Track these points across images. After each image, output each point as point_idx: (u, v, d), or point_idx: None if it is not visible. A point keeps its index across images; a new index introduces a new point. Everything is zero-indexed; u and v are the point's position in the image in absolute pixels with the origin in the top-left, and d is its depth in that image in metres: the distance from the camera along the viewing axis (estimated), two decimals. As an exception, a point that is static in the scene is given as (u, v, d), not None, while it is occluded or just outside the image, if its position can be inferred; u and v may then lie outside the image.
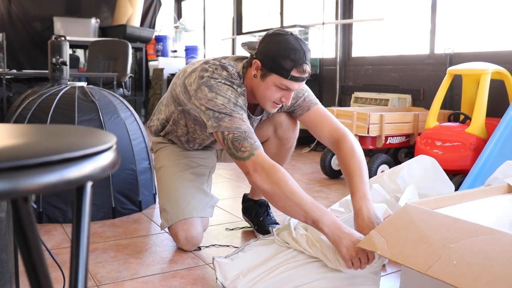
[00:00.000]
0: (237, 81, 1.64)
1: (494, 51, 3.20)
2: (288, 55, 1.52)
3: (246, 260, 1.51)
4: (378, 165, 2.95)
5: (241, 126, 1.53)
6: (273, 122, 1.91)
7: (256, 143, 1.52)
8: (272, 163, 1.48)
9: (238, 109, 1.57)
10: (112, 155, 0.57)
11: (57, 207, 2.14)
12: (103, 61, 5.16)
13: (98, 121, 2.25)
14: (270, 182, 1.44)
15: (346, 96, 4.36)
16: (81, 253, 0.60)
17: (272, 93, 1.59)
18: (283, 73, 1.54)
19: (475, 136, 2.67)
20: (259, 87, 1.62)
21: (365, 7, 4.36)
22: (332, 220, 1.37)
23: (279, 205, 1.45)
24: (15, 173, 0.45)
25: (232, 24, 6.42)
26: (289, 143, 1.96)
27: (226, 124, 1.53)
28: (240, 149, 1.50)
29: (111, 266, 1.69)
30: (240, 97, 1.61)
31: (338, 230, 1.36)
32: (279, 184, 1.43)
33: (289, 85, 1.56)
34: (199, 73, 1.64)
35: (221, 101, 1.55)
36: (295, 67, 1.53)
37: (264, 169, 1.46)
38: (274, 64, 1.54)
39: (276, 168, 1.46)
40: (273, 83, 1.57)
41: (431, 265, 1.10)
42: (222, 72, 1.63)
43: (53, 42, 3.13)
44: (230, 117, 1.54)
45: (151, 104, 6.76)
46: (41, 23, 6.56)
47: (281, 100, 1.62)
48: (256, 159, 1.48)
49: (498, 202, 1.57)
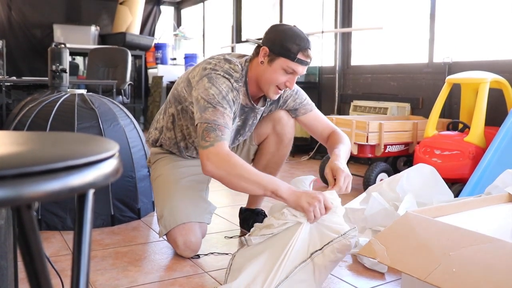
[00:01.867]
0: (238, 74, 1.76)
1: (493, 60, 3.22)
2: (294, 40, 1.67)
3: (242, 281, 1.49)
4: (377, 173, 2.95)
5: (218, 119, 1.63)
6: (271, 119, 2.00)
7: (223, 136, 1.61)
8: (228, 152, 1.59)
9: (225, 102, 1.67)
10: (114, 163, 0.57)
11: (56, 214, 2.14)
12: (103, 68, 5.17)
13: (98, 129, 2.25)
14: (225, 167, 1.57)
15: (345, 104, 4.37)
16: (83, 260, 0.60)
17: (278, 76, 1.72)
18: (290, 56, 1.68)
19: (474, 145, 2.67)
20: (265, 72, 1.74)
21: (364, 16, 4.38)
22: (288, 187, 1.54)
23: (238, 186, 1.59)
24: (19, 180, 0.45)
25: (232, 32, 6.44)
26: (287, 139, 2.03)
27: (207, 115, 1.63)
28: (205, 138, 1.60)
29: (109, 274, 1.68)
30: (233, 92, 1.72)
31: (294, 192, 1.52)
32: (235, 167, 1.56)
33: (295, 68, 1.70)
34: (203, 66, 1.77)
35: (213, 92, 1.67)
36: (300, 50, 1.68)
37: (218, 156, 1.57)
38: (282, 49, 1.68)
39: (231, 155, 1.58)
40: (280, 66, 1.70)
41: (431, 273, 1.10)
42: (225, 65, 1.76)
43: (53, 50, 3.13)
44: (214, 108, 1.64)
45: (150, 112, 6.77)
46: (41, 30, 6.58)
47: (285, 85, 1.75)
48: (213, 149, 1.58)
49: (499, 211, 1.57)
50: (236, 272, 1.50)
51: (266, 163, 2.07)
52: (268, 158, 2.06)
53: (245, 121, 1.90)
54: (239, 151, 2.09)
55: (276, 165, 2.09)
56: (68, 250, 1.91)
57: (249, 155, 2.10)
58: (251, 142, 2.07)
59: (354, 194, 2.87)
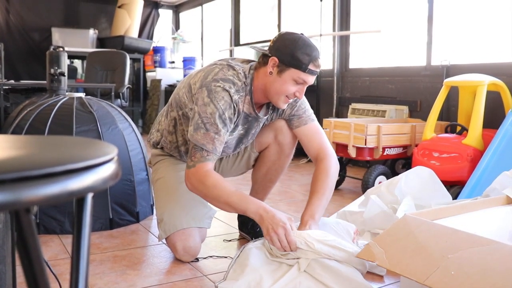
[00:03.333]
0: (241, 82, 1.74)
1: (490, 63, 3.22)
2: (305, 50, 1.66)
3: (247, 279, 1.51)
4: (375, 176, 2.96)
5: (207, 144, 1.66)
6: (273, 128, 1.97)
7: (208, 157, 1.66)
8: (205, 173, 1.64)
9: (219, 122, 1.67)
10: (113, 167, 0.57)
11: (54, 218, 2.13)
12: (101, 72, 5.17)
13: (96, 132, 2.25)
14: (200, 189, 1.65)
15: (343, 107, 4.38)
16: (81, 264, 0.60)
17: (288, 87, 1.70)
18: (301, 67, 1.66)
19: (472, 147, 2.68)
20: (274, 83, 1.71)
21: (362, 19, 4.39)
22: (256, 207, 1.58)
23: (214, 205, 1.70)
24: (17, 184, 0.45)
25: (230, 35, 6.45)
26: (288, 149, 2.00)
27: (198, 137, 1.67)
28: (191, 157, 1.68)
29: (108, 278, 1.68)
30: (231, 109, 1.70)
31: (262, 214, 1.56)
32: (208, 189, 1.63)
33: (306, 78, 1.69)
34: (205, 73, 1.75)
35: (210, 110, 1.67)
36: (312, 61, 1.67)
37: (195, 177, 1.65)
38: (292, 59, 1.66)
39: (208, 177, 1.63)
40: (291, 77, 1.69)
41: (430, 275, 1.10)
42: (228, 71, 1.74)
43: (52, 53, 3.13)
44: (206, 131, 1.66)
45: (148, 115, 6.76)
46: (39, 33, 6.58)
47: (295, 95, 1.73)
48: (194, 170, 1.66)
49: (497, 214, 1.57)
50: (242, 267, 1.52)
51: (266, 171, 2.07)
52: (268, 166, 2.05)
53: (248, 130, 1.89)
54: (240, 158, 2.08)
55: (276, 172, 2.08)
56: (66, 254, 1.91)
57: (249, 161, 2.09)
58: (252, 149, 2.05)
59: (352, 197, 2.88)
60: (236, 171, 2.14)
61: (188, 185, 1.69)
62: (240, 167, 2.12)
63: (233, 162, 2.09)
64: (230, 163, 2.10)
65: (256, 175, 2.11)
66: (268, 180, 2.10)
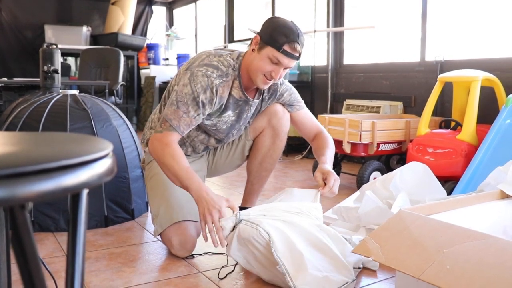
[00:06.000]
0: (226, 68, 1.80)
1: (484, 58, 3.23)
2: (283, 31, 1.71)
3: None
4: (370, 172, 2.96)
5: (173, 120, 1.73)
6: (267, 112, 2.03)
7: (175, 128, 1.72)
8: (170, 140, 1.71)
9: (192, 104, 1.74)
10: (108, 162, 0.57)
11: (49, 215, 2.12)
12: (95, 69, 5.15)
13: (90, 129, 2.24)
14: (158, 153, 1.70)
15: (338, 103, 4.38)
16: (77, 261, 0.60)
17: (265, 65, 1.75)
18: (276, 46, 1.71)
19: (466, 142, 2.69)
20: (254, 60, 1.77)
21: (356, 15, 4.39)
22: (199, 187, 1.61)
23: (166, 175, 1.73)
24: (12, 180, 0.44)
25: (224, 32, 6.44)
26: (282, 132, 2.06)
27: (168, 111, 1.75)
28: (161, 124, 1.75)
29: (104, 275, 1.67)
30: (207, 92, 1.75)
31: (200, 195, 1.60)
32: (164, 156, 1.68)
33: (280, 58, 1.72)
34: (193, 59, 1.84)
35: (186, 91, 1.74)
36: (287, 42, 1.70)
37: (158, 141, 1.71)
38: (270, 38, 1.72)
39: (170, 145, 1.69)
40: (266, 55, 1.73)
41: (425, 270, 1.11)
42: (214, 58, 1.82)
43: (45, 50, 3.11)
44: (176, 108, 1.74)
45: (143, 112, 6.74)
46: (32, 31, 6.54)
47: (271, 75, 1.77)
48: (159, 135, 1.72)
49: (492, 208, 1.58)
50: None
51: (262, 158, 2.09)
52: (263, 152, 2.08)
53: (239, 114, 1.93)
54: (234, 148, 2.10)
55: (271, 159, 2.11)
56: (61, 252, 1.90)
57: (244, 151, 2.11)
58: (247, 137, 2.09)
59: (347, 193, 2.88)
60: (230, 163, 2.15)
61: (150, 146, 1.75)
62: (235, 159, 2.13)
63: (227, 153, 2.11)
64: (224, 155, 2.11)
65: (252, 164, 2.13)
66: (263, 168, 2.12)
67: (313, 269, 1.48)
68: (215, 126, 1.90)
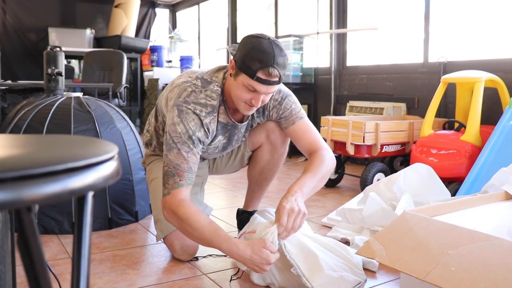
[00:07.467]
0: (215, 101, 1.68)
1: (487, 59, 3.23)
2: (256, 56, 1.53)
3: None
4: (374, 173, 2.96)
5: (180, 163, 1.61)
6: (266, 128, 1.91)
7: (180, 182, 1.61)
8: (179, 200, 1.59)
9: (190, 142, 1.63)
10: (114, 165, 0.57)
11: (53, 218, 2.13)
12: (98, 71, 5.16)
13: (94, 132, 2.25)
14: (173, 220, 1.61)
15: (341, 105, 4.38)
16: (83, 263, 0.60)
17: (242, 93, 1.60)
18: (249, 73, 1.54)
19: (470, 143, 2.68)
20: (232, 87, 1.64)
21: (359, 17, 4.39)
22: (228, 246, 1.51)
23: (189, 238, 1.64)
24: (19, 183, 0.45)
25: (227, 34, 6.44)
26: (282, 149, 1.96)
27: (171, 157, 1.62)
28: (165, 185, 1.63)
29: (108, 277, 1.68)
30: (201, 130, 1.65)
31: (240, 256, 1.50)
32: (182, 221, 1.57)
33: (255, 86, 1.56)
34: (179, 91, 1.69)
35: (180, 130, 1.62)
36: (261, 69, 1.53)
37: (170, 205, 1.60)
38: (243, 64, 1.56)
39: (181, 207, 1.57)
40: (242, 82, 1.58)
41: (430, 272, 1.11)
42: (200, 94, 1.67)
43: (49, 53, 3.12)
44: (178, 151, 1.62)
45: (146, 114, 6.75)
46: (36, 34, 6.57)
47: (252, 102, 1.62)
48: (169, 198, 1.61)
49: (496, 209, 1.57)
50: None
51: (261, 170, 2.04)
52: (262, 165, 2.02)
53: (230, 138, 1.84)
54: (234, 157, 2.06)
55: (271, 171, 2.05)
56: (66, 254, 1.90)
57: (243, 160, 2.07)
58: (246, 149, 2.02)
59: (351, 195, 2.88)
60: (230, 169, 2.14)
61: (165, 213, 1.63)
62: (234, 166, 2.11)
63: (226, 161, 2.08)
64: (224, 162, 2.09)
65: (251, 173, 2.09)
66: (263, 179, 2.08)
67: (329, 269, 1.48)
68: (206, 152, 1.83)
